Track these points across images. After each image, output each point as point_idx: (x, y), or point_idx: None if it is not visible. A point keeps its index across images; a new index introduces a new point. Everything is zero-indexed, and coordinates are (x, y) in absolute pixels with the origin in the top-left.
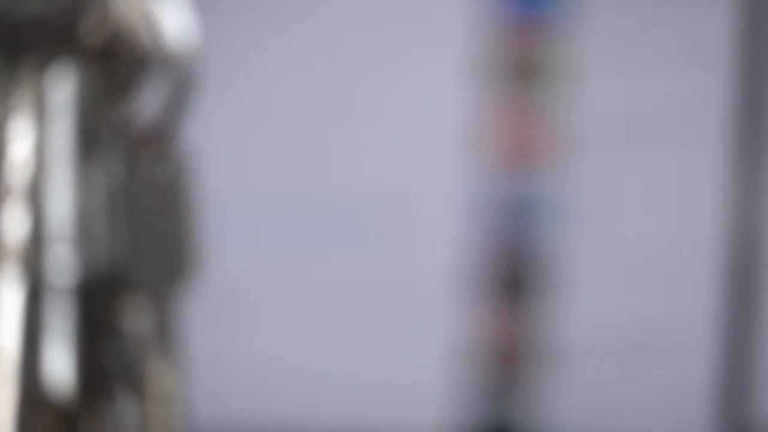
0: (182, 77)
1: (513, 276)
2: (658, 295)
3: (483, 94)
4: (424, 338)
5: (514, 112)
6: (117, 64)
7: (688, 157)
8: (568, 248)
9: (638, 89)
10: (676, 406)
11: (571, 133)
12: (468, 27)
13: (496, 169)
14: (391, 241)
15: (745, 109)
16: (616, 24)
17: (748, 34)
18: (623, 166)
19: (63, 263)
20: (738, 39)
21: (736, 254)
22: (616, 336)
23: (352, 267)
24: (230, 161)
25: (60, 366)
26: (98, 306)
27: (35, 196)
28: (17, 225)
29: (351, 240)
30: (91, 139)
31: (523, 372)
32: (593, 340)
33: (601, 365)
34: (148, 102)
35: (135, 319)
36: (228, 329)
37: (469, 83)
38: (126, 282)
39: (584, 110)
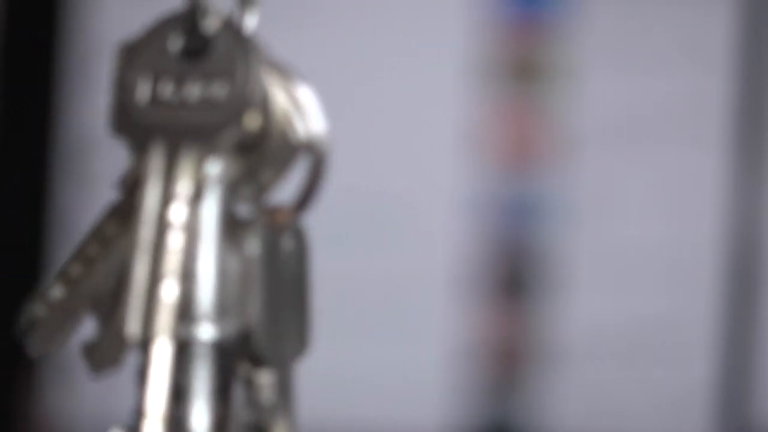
0: (319, 160)
1: (513, 276)
2: (658, 295)
3: (483, 94)
4: (424, 338)
5: (514, 112)
6: (269, 151)
7: (688, 157)
8: (568, 248)
9: (638, 89)
10: (676, 406)
11: (571, 133)
12: (468, 27)
13: (496, 169)
14: (391, 242)
15: (745, 109)
16: (616, 24)
17: (748, 34)
18: (623, 166)
19: (206, 327)
20: (738, 39)
21: (736, 254)
22: (616, 336)
23: (351, 267)
24: None
25: (199, 416)
26: (234, 365)
27: (185, 269)
28: (169, 293)
29: (350, 240)
30: (238, 219)
31: (523, 372)
32: (593, 340)
33: (601, 365)
34: (285, 181)
35: (263, 379)
36: None
37: (469, 83)
38: (259, 345)
39: (584, 110)
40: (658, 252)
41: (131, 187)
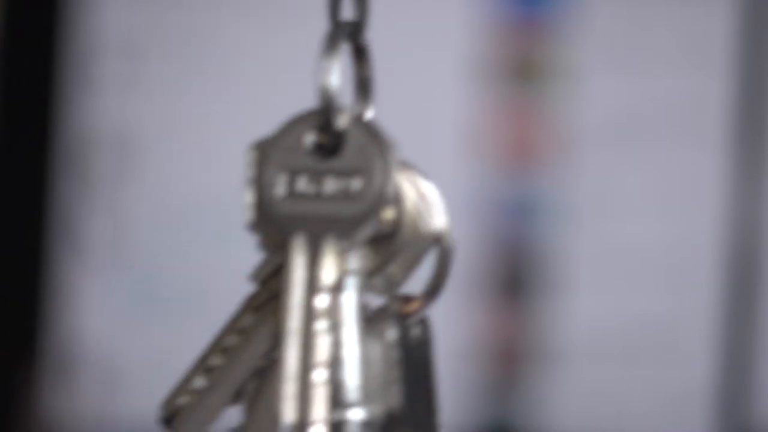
0: (448, 251)
1: (513, 276)
2: (658, 295)
3: (483, 94)
4: None
5: (514, 112)
6: (401, 244)
7: (688, 157)
8: (568, 248)
9: (638, 89)
10: (676, 406)
11: (571, 133)
12: (468, 27)
13: (496, 169)
14: None
15: (745, 109)
16: (616, 24)
17: (748, 34)
18: (623, 166)
19: (355, 411)
20: (738, 39)
21: (736, 254)
22: (616, 336)
23: None
24: (231, 160)
25: None
26: None
27: (333, 356)
28: (321, 380)
29: None
30: (371, 309)
31: (523, 372)
32: (593, 340)
33: (601, 365)
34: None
35: None
36: None
37: (469, 83)
38: (400, 422)
39: (584, 110)
40: (658, 252)
41: (266, 279)
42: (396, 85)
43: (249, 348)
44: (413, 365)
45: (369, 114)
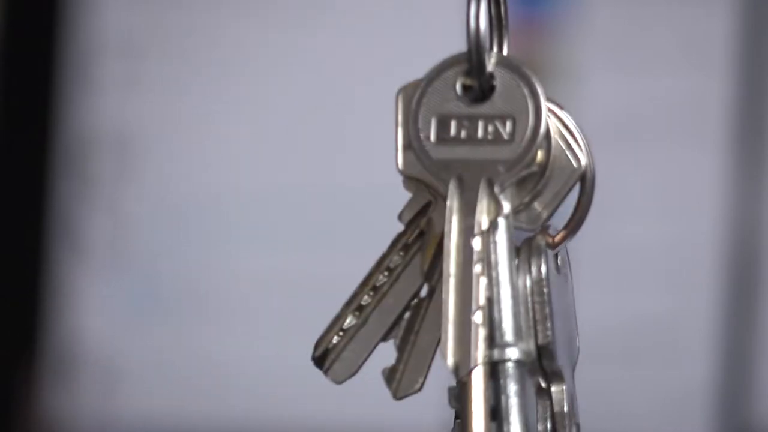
0: (590, 184)
1: None
2: (658, 295)
3: None
4: None
5: None
6: (548, 179)
7: (688, 157)
8: (569, 248)
9: (638, 89)
10: (676, 406)
11: None
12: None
13: None
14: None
15: (745, 109)
16: (616, 24)
17: (748, 34)
18: (623, 165)
19: (511, 350)
20: (738, 39)
21: (736, 254)
22: (616, 336)
23: (352, 267)
24: (231, 160)
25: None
26: (534, 377)
27: (491, 297)
28: (482, 322)
29: (351, 240)
30: (522, 245)
31: None
32: (593, 340)
33: (601, 365)
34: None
35: (556, 389)
36: (228, 329)
37: None
38: (553, 360)
39: (584, 110)
40: (658, 252)
41: (412, 219)
42: (396, 85)
43: (397, 286)
44: (557, 294)
45: (506, 50)
